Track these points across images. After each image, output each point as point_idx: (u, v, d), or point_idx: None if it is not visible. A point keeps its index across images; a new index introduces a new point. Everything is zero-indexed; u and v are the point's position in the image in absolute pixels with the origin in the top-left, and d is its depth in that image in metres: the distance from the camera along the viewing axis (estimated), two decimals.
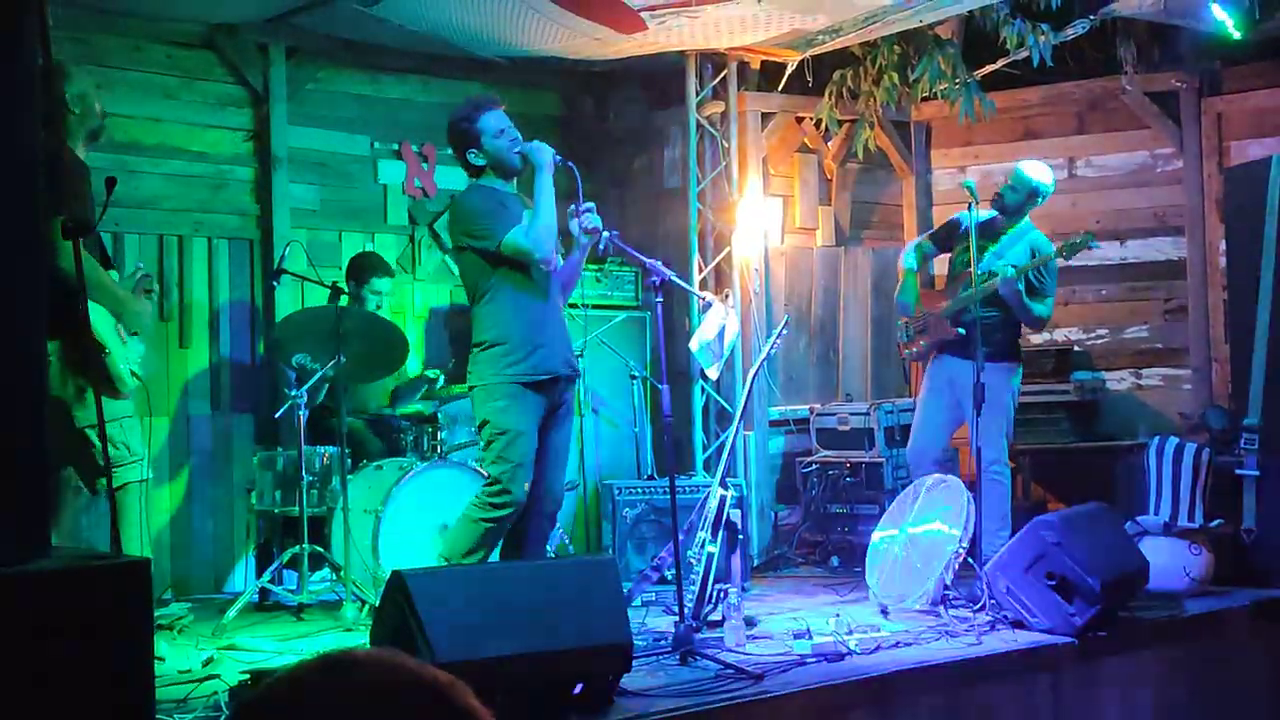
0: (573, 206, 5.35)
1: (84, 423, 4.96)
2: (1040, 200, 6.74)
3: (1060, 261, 6.68)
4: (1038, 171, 6.73)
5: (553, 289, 5.40)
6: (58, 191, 4.80)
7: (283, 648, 5.40)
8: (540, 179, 5.21)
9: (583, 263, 5.52)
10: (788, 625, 5.44)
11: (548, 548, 6.65)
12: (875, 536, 6.15)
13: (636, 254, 5.55)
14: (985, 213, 6.72)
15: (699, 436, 7.95)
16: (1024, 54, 7.74)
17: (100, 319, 4.97)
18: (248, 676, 4.48)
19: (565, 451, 5.48)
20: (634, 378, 7.57)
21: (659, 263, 5.42)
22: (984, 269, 6.53)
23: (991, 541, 6.11)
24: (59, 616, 3.04)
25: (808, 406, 8.29)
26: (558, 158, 5.24)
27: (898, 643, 5.09)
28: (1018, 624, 5.30)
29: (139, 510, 5.16)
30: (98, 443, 4.89)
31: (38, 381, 3.26)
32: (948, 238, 7.00)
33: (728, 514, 5.66)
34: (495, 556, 5.32)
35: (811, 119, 8.37)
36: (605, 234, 5.31)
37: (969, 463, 6.83)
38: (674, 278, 5.42)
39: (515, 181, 5.46)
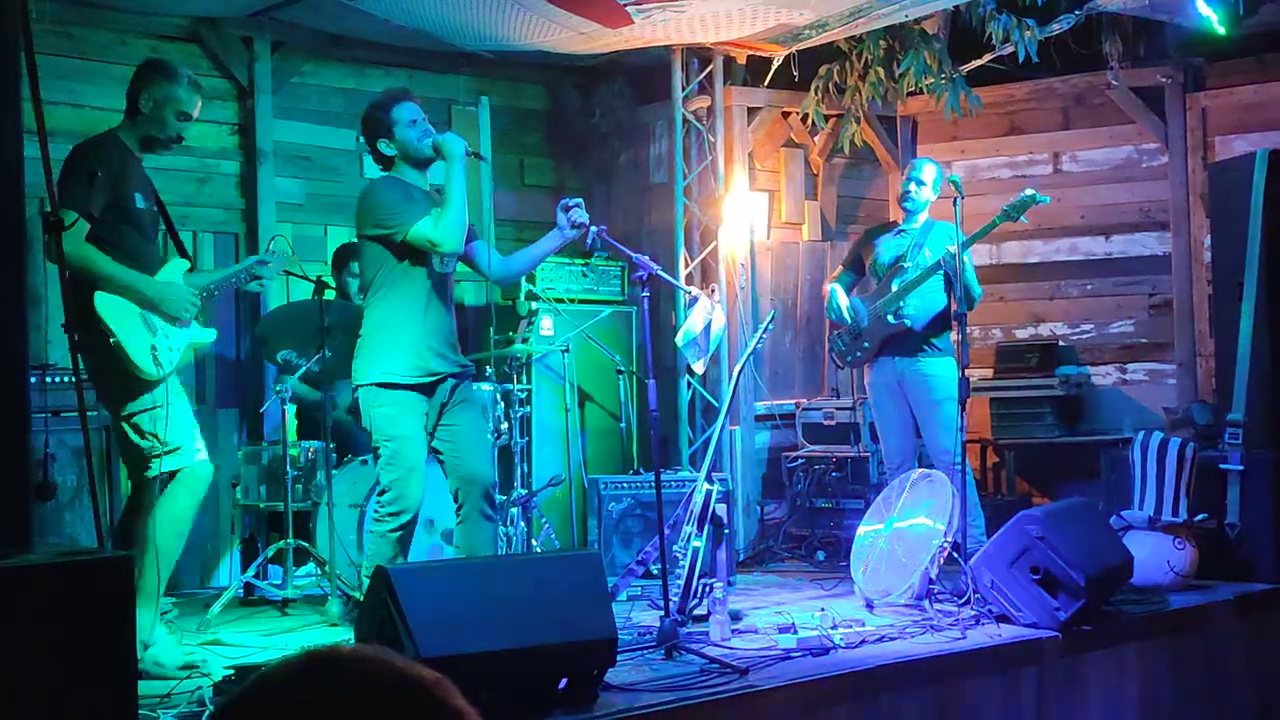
0: (562, 201, 5.35)
1: (122, 413, 4.98)
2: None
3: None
4: (936, 169, 6.85)
5: (448, 287, 5.27)
6: (66, 185, 4.83)
7: (267, 643, 5.39)
8: (453, 170, 5.09)
9: (550, 252, 5.44)
10: (773, 619, 5.44)
11: (533, 542, 6.66)
12: (860, 531, 6.15)
13: (622, 248, 5.55)
14: (881, 223, 6.98)
15: (685, 431, 7.96)
16: (1010, 49, 7.75)
17: (117, 308, 4.94)
18: (232, 672, 4.48)
19: (477, 436, 5.29)
20: (620, 372, 7.57)
21: (645, 257, 5.41)
22: (914, 262, 6.64)
23: (968, 532, 6.13)
24: (39, 611, 3.03)
25: (794, 401, 8.30)
26: (470, 149, 5.17)
27: (882, 637, 5.10)
28: (1002, 618, 5.30)
29: (182, 501, 5.05)
30: (132, 434, 4.97)
31: (17, 376, 3.24)
32: (859, 257, 7.06)
33: (713, 508, 5.66)
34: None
35: (798, 114, 8.37)
36: (592, 229, 5.30)
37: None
38: (660, 272, 5.41)
39: (427, 174, 5.39)
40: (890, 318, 6.67)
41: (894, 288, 6.68)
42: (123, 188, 4.99)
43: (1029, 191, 6.44)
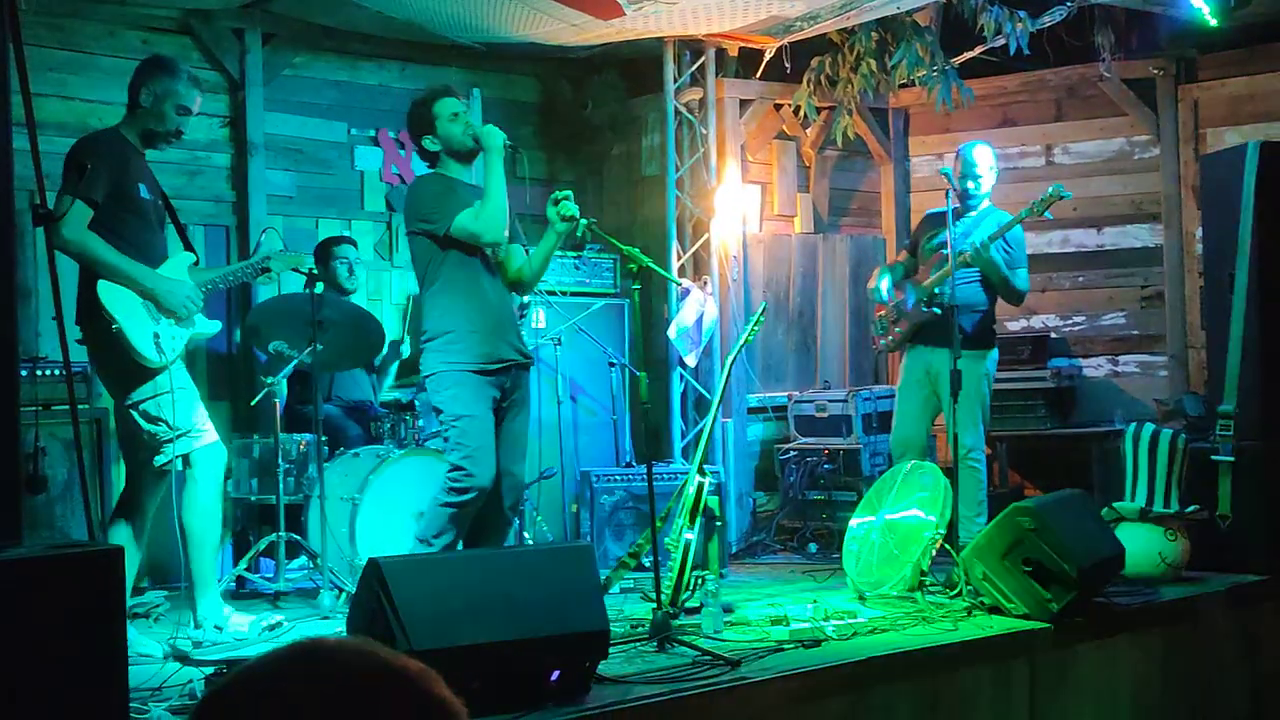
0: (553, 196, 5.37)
1: (128, 401, 5.07)
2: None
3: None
4: (989, 151, 6.78)
5: (500, 275, 5.38)
6: (65, 176, 4.86)
7: (259, 635, 5.38)
8: (491, 162, 5.23)
9: (554, 250, 5.48)
10: (765, 612, 5.45)
11: (525, 536, 6.66)
12: (853, 523, 6.15)
13: (613, 241, 5.55)
14: (941, 207, 6.86)
15: (677, 424, 7.96)
16: (1001, 41, 7.75)
17: (120, 296, 4.98)
18: (223, 664, 4.48)
19: (522, 440, 5.42)
20: (613, 365, 7.56)
21: (636, 250, 5.42)
22: (956, 249, 6.55)
23: (968, 528, 6.13)
24: (29, 604, 3.03)
25: (786, 394, 8.30)
26: (508, 142, 5.26)
27: (875, 628, 5.10)
28: (994, 609, 5.31)
29: (204, 486, 5.20)
30: (141, 421, 5.04)
31: (6, 369, 3.23)
32: (915, 242, 6.99)
33: (706, 501, 5.66)
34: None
35: (790, 106, 8.36)
36: (582, 221, 5.31)
37: (945, 450, 6.86)
38: (650, 264, 5.41)
39: (473, 169, 5.46)
40: (923, 306, 6.65)
41: (932, 275, 6.66)
42: (125, 178, 5.05)
43: (1056, 186, 6.44)
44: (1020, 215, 6.49)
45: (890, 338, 6.84)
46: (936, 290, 6.59)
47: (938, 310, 6.58)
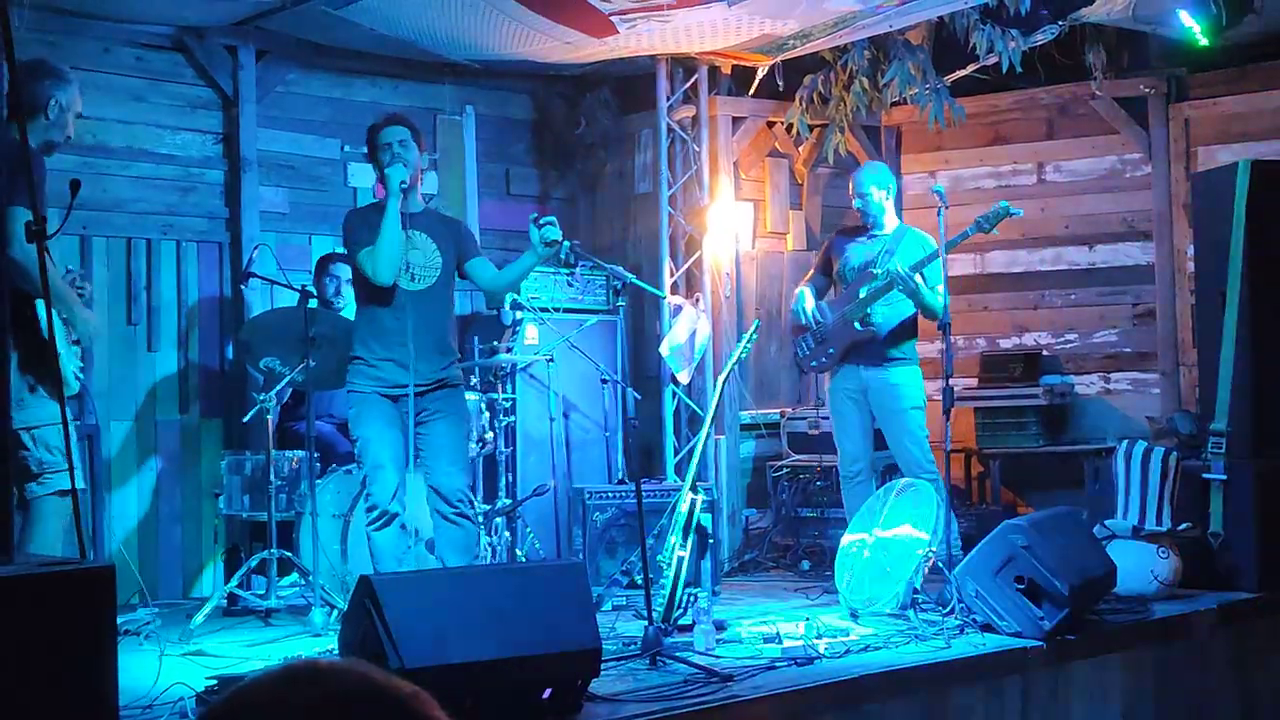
0: (534, 215, 5.40)
1: (19, 424, 4.75)
2: None
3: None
4: (879, 171, 6.85)
5: (426, 302, 5.46)
6: (30, 190, 4.74)
7: (250, 653, 5.37)
8: (388, 204, 5.36)
9: (531, 269, 5.55)
10: (758, 629, 5.45)
11: (518, 552, 6.65)
12: (845, 540, 6.15)
13: (598, 260, 5.60)
14: (851, 224, 7.00)
15: (670, 441, 7.95)
16: (993, 59, 7.78)
17: (54, 319, 4.83)
18: (214, 682, 4.47)
19: (450, 446, 5.47)
20: (605, 381, 7.56)
21: (620, 268, 5.45)
22: (884, 268, 6.54)
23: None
24: (19, 622, 3.02)
25: (778, 410, 8.30)
26: (403, 182, 5.36)
27: (867, 646, 5.10)
28: (986, 627, 5.31)
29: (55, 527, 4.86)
30: (30, 446, 4.79)
31: None
32: (828, 262, 6.96)
33: (698, 518, 5.66)
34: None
35: (782, 124, 8.38)
36: (565, 244, 5.35)
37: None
38: (636, 281, 5.44)
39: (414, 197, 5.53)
40: (857, 324, 6.62)
41: (861, 294, 6.63)
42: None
43: (1002, 204, 6.46)
44: (966, 232, 6.46)
45: (822, 359, 6.79)
46: (868, 310, 6.58)
47: (874, 330, 6.58)
